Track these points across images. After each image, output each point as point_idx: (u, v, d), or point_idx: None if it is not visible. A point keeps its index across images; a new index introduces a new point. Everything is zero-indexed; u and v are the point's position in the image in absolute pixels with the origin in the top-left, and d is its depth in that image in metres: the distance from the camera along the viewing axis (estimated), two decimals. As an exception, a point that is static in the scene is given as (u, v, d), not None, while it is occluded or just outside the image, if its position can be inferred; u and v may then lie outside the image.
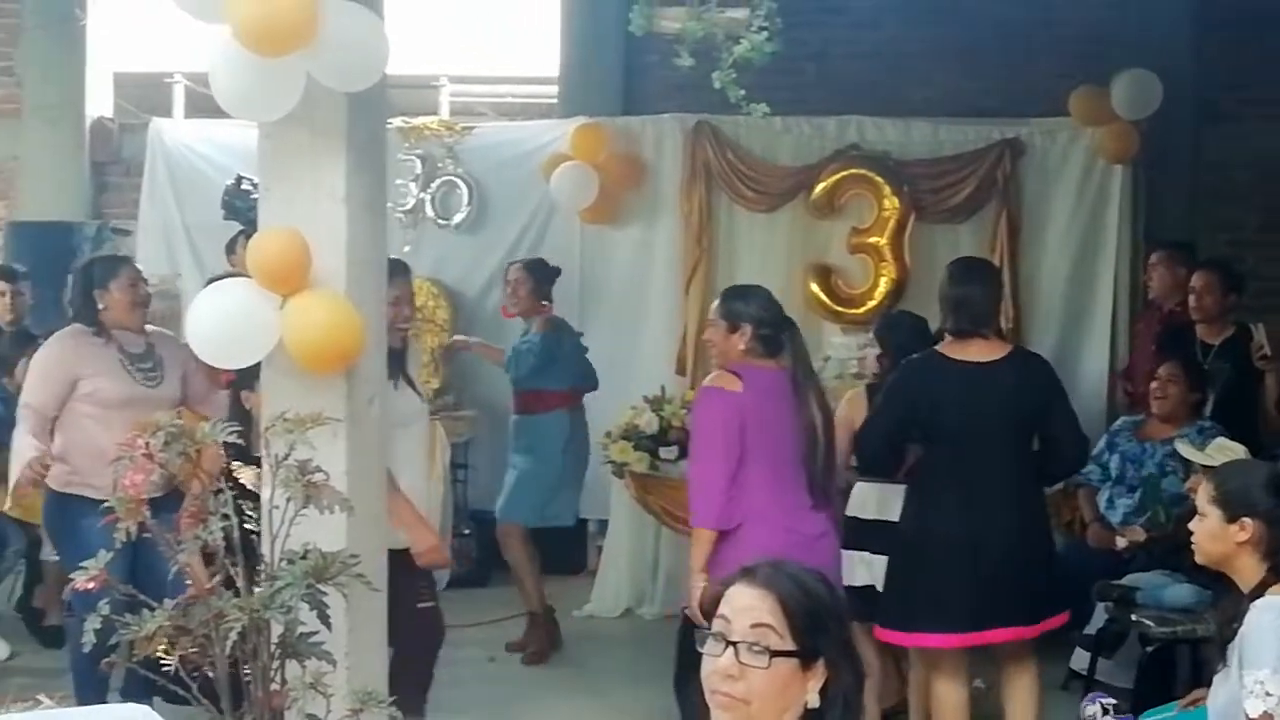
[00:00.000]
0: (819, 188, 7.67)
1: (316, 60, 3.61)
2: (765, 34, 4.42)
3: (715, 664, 2.31)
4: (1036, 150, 7.65)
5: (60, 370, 5.28)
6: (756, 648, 2.27)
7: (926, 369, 4.90)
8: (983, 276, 5.11)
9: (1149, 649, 5.39)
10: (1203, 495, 3.75)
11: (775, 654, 2.27)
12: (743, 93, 4.37)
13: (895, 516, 5.03)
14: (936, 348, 4.98)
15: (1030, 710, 4.94)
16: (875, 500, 5.32)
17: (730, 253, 7.88)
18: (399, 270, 4.87)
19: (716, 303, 4.78)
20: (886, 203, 7.58)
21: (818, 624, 2.31)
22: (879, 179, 7.59)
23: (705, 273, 7.78)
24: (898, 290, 7.51)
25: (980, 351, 4.83)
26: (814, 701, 2.30)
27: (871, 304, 7.55)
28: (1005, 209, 7.59)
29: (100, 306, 5.34)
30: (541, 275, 6.91)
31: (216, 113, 3.94)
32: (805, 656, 2.30)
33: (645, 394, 6.84)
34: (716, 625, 2.34)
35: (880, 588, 5.03)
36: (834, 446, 4.59)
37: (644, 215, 7.97)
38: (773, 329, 4.59)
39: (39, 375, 5.34)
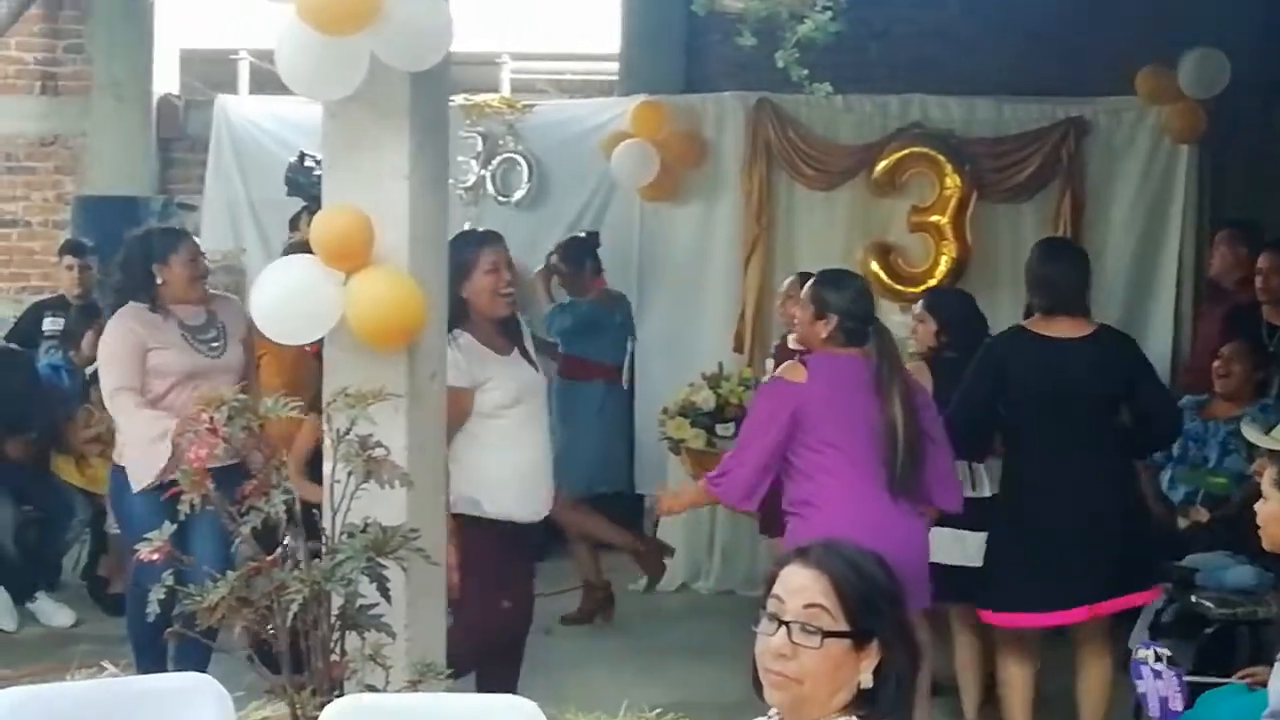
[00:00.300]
0: (880, 166, 7.64)
1: (380, 39, 3.64)
2: (829, 13, 4.39)
3: (768, 643, 2.33)
4: (1101, 129, 7.57)
5: (129, 347, 5.25)
6: (809, 628, 2.29)
7: (1014, 345, 4.97)
8: (1071, 256, 5.27)
9: (1208, 630, 5.36)
10: (1267, 478, 3.74)
11: (827, 634, 2.29)
12: (805, 72, 4.35)
13: (977, 491, 5.08)
14: (1023, 324, 5.05)
15: (1104, 691, 5.00)
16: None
17: (790, 231, 7.85)
18: (491, 240, 4.76)
19: (808, 284, 4.74)
20: (948, 181, 7.52)
21: (871, 605, 2.32)
22: (941, 157, 7.54)
23: (765, 251, 7.77)
24: (958, 269, 7.46)
25: (1066, 329, 4.91)
26: (867, 682, 2.32)
27: (932, 282, 7.48)
28: (1069, 188, 7.53)
29: (159, 281, 5.31)
30: (574, 253, 6.94)
31: (281, 90, 3.99)
32: (858, 637, 2.31)
33: (703, 371, 6.83)
34: (770, 605, 2.36)
35: (969, 565, 5.03)
36: (919, 442, 4.49)
37: (704, 193, 7.96)
38: (859, 322, 4.55)
39: (112, 358, 5.29)
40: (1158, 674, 4.04)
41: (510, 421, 4.57)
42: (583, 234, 7.55)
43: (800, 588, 2.33)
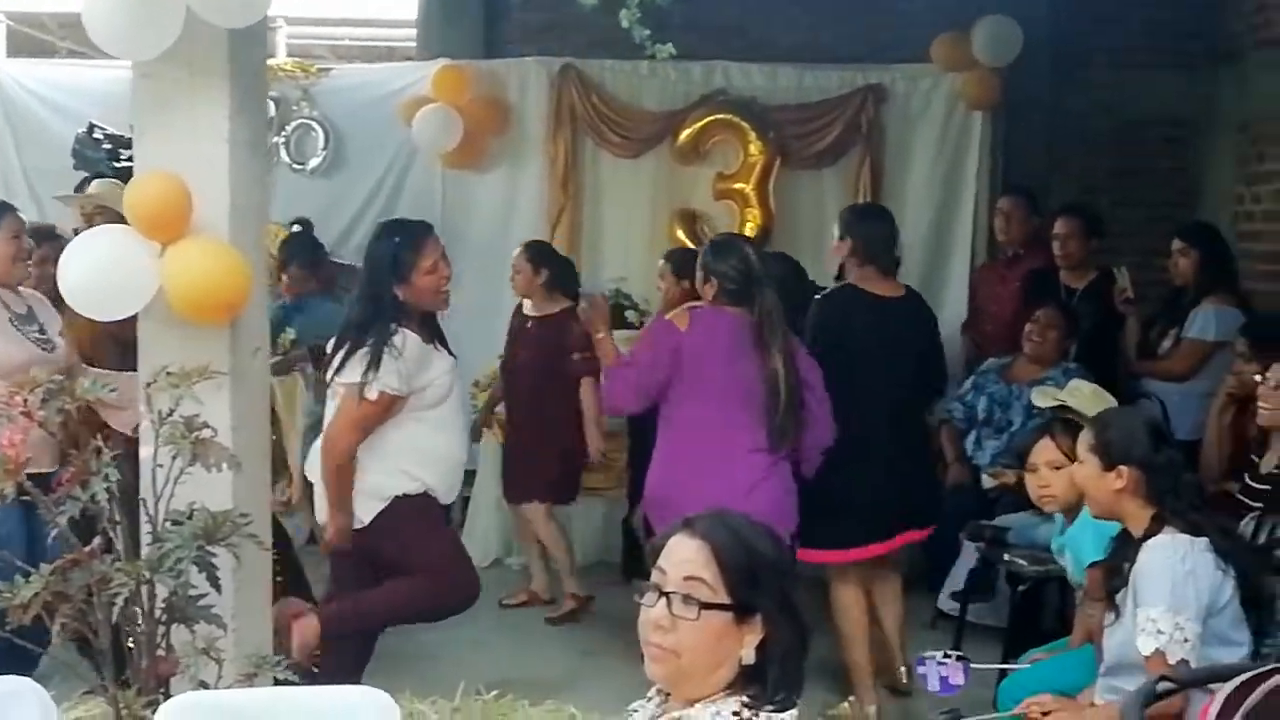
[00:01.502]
0: (684, 133, 7.62)
1: (197, -7, 3.42)
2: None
3: (648, 614, 2.28)
4: (899, 96, 7.68)
5: None
6: (689, 599, 2.23)
7: (850, 302, 5.23)
8: (886, 217, 5.55)
9: (1021, 588, 5.49)
10: (1082, 443, 3.83)
11: (705, 606, 2.23)
12: (648, 33, 4.28)
13: None
14: (853, 282, 5.28)
15: (899, 600, 5.45)
16: None
17: (596, 199, 7.80)
18: (425, 231, 4.83)
19: (701, 253, 5.08)
20: (752, 148, 7.55)
21: (753, 579, 2.26)
22: (745, 124, 7.56)
23: (571, 219, 7.70)
24: (763, 236, 7.47)
25: (886, 288, 5.25)
26: (749, 658, 2.25)
27: (737, 250, 7.54)
28: (869, 155, 7.63)
29: None
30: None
31: (39, 54, 3.73)
32: (740, 611, 2.24)
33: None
34: (654, 576, 2.30)
35: None
36: (799, 390, 4.78)
37: (508, 160, 7.83)
38: (739, 285, 4.81)
39: None
40: (943, 663, 4.12)
41: (447, 409, 4.71)
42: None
43: (682, 559, 2.28)
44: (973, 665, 4.20)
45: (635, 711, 2.46)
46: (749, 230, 7.53)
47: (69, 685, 3.68)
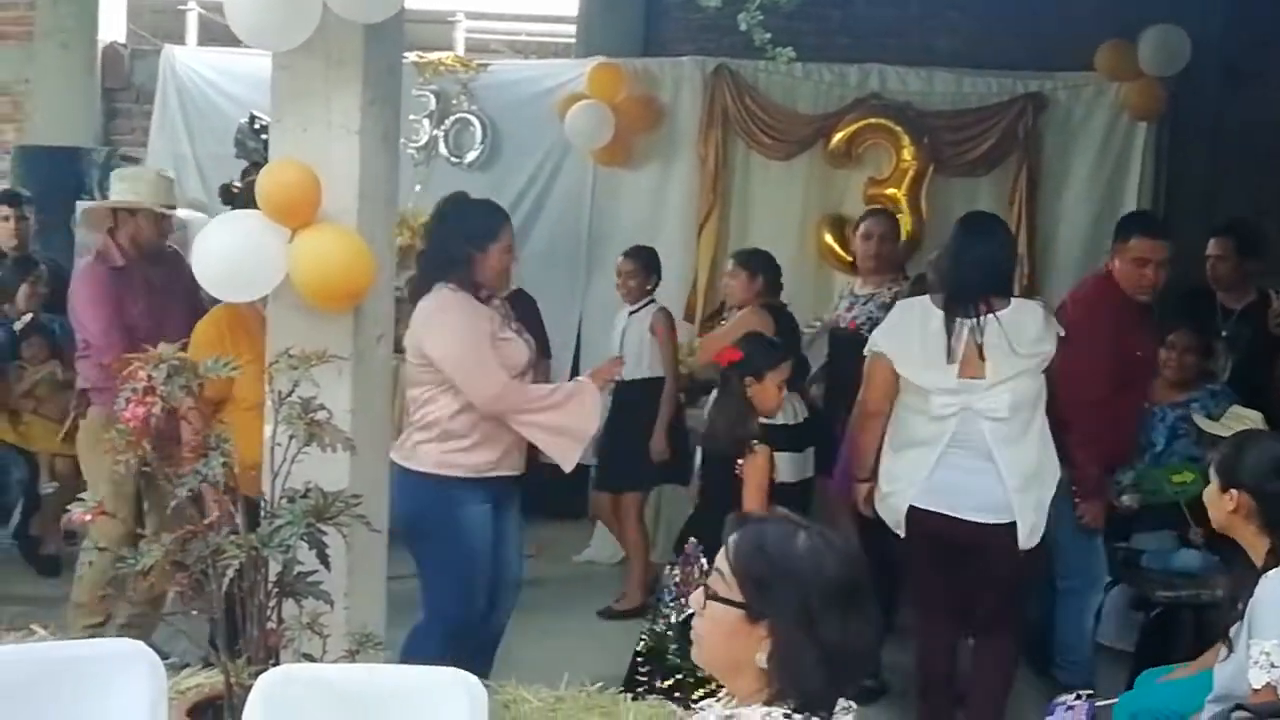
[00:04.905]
0: (837, 136, 7.57)
1: (332, -12, 3.53)
2: (793, -23, 4.32)
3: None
4: (1060, 105, 7.53)
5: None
6: (707, 589, 2.27)
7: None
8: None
9: (1152, 613, 5.35)
10: (1211, 459, 3.77)
11: (712, 598, 2.25)
12: (768, 36, 4.27)
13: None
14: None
15: None
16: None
17: (745, 200, 7.79)
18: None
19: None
20: (905, 153, 7.48)
21: (763, 586, 2.22)
22: (899, 129, 7.49)
23: (719, 220, 7.70)
24: (914, 243, 7.40)
25: None
26: (761, 662, 2.23)
27: (884, 256, 7.48)
28: (1026, 163, 7.50)
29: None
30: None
31: (231, 42, 3.86)
32: (749, 613, 2.23)
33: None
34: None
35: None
36: None
37: (659, 159, 7.87)
38: None
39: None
40: (1071, 707, 4.00)
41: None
42: None
43: (721, 552, 2.31)
44: (1098, 703, 4.08)
45: (706, 708, 2.47)
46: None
47: (185, 649, 3.81)
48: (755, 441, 4.55)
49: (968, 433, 4.49)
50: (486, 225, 4.60)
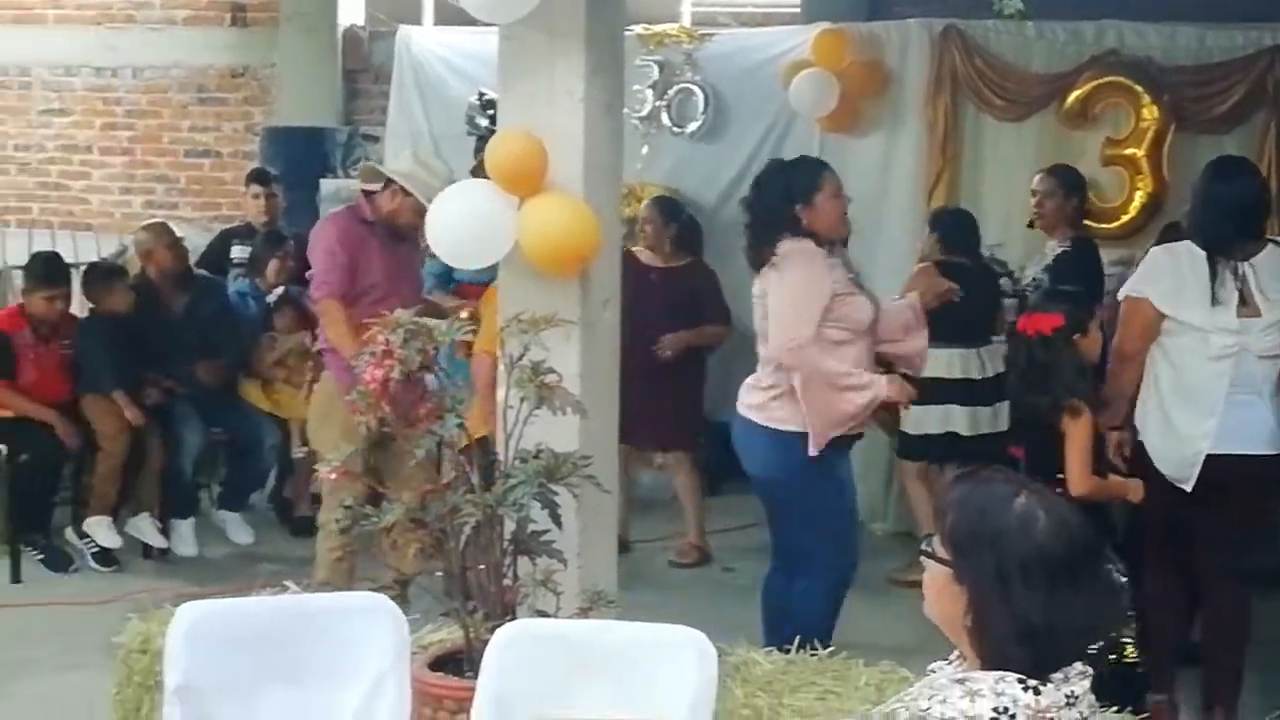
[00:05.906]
0: (1073, 96, 7.34)
1: (557, -41, 3.59)
2: (1025, -68, 4.20)
3: None
4: (1311, 57, 7.17)
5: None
6: (928, 545, 2.26)
7: None
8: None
9: None
10: None
11: (924, 553, 2.24)
12: (995, -10, 4.17)
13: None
14: None
15: None
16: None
17: (976, 164, 7.62)
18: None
19: None
20: (1145, 112, 7.21)
21: (962, 546, 2.17)
22: (1138, 87, 7.22)
23: (949, 184, 7.56)
24: (1155, 204, 7.16)
25: None
26: (966, 622, 2.18)
27: (1126, 218, 7.25)
28: (1274, 120, 7.15)
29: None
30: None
31: (464, 21, 3.96)
32: (954, 570, 2.19)
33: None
34: None
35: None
36: None
37: (886, 124, 7.75)
38: None
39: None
40: None
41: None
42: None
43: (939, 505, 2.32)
44: None
45: (936, 671, 2.45)
46: (1138, 199, 7.26)
47: (427, 607, 3.93)
48: (1076, 401, 4.48)
49: (1244, 373, 4.53)
50: (807, 178, 4.69)
